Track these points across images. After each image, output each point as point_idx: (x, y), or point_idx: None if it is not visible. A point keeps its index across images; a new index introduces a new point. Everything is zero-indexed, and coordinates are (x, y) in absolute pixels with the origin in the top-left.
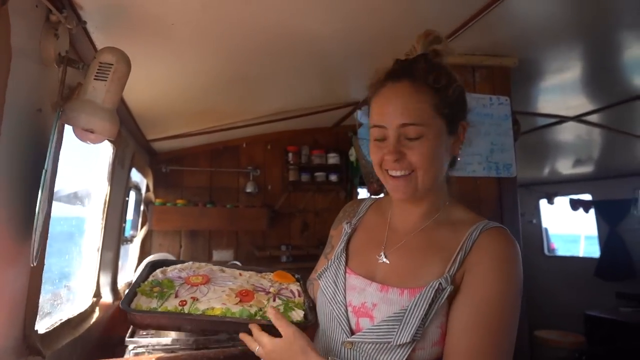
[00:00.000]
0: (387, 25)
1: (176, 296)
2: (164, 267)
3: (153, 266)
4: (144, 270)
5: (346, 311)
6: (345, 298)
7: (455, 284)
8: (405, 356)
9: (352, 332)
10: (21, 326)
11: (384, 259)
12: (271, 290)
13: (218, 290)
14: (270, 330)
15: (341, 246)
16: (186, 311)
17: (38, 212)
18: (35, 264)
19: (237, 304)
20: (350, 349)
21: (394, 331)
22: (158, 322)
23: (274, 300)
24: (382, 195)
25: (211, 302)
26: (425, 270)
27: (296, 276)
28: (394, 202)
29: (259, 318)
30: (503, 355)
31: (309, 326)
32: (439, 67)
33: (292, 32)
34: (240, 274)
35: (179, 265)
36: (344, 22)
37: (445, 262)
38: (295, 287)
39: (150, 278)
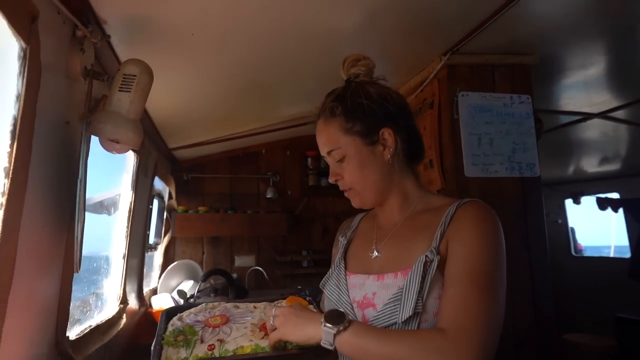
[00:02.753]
0: (406, 26)
1: (202, 341)
2: (179, 314)
3: (168, 314)
4: (161, 320)
5: (352, 308)
6: (349, 297)
7: (441, 255)
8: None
9: None
10: (53, 332)
11: (376, 254)
12: None
13: (240, 328)
14: (305, 357)
15: (339, 255)
16: (217, 354)
17: (77, 222)
18: (78, 272)
19: (263, 337)
20: None
21: (397, 311)
22: None
23: None
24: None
25: (238, 341)
26: (413, 251)
27: (307, 299)
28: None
29: (290, 348)
30: (491, 300)
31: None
32: (343, 95)
33: (310, 37)
34: (255, 307)
35: (192, 310)
36: (362, 25)
37: (429, 239)
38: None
39: (170, 328)
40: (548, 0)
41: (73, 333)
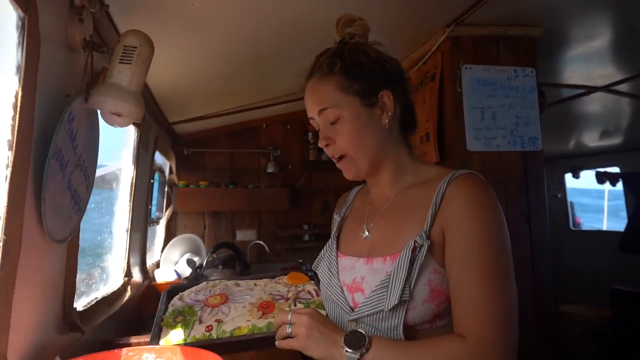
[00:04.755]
0: (405, 2)
1: (200, 322)
2: (180, 293)
3: (169, 294)
4: (162, 300)
5: (342, 291)
6: (339, 280)
7: (432, 240)
8: (402, 318)
9: (353, 310)
10: (61, 304)
11: (367, 234)
12: (289, 295)
13: (239, 307)
14: None
15: (333, 234)
16: (214, 336)
17: (44, 199)
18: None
19: (260, 317)
20: (356, 326)
21: (384, 298)
22: None
23: (295, 305)
24: None
25: (236, 321)
26: (403, 234)
27: (309, 274)
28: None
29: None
30: (505, 295)
31: None
32: (340, 52)
33: (310, 11)
34: (255, 284)
35: (193, 288)
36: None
37: (420, 221)
38: (311, 287)
39: (170, 308)
40: None
41: (80, 304)
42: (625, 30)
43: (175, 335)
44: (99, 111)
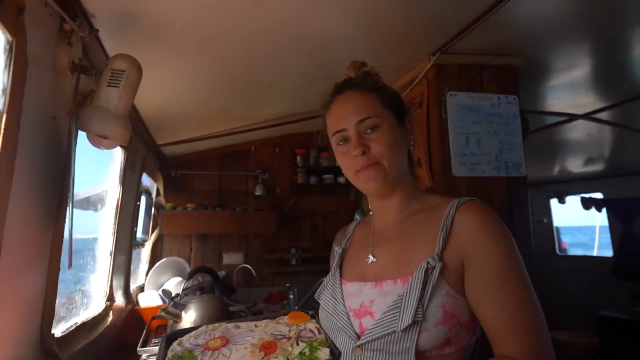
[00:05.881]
0: (395, 28)
1: None
2: (179, 339)
3: (168, 340)
4: (160, 346)
5: (348, 317)
6: (345, 307)
7: (445, 262)
8: (414, 340)
9: (359, 337)
10: (38, 330)
11: (373, 259)
12: (291, 334)
13: (240, 349)
14: None
15: (335, 264)
16: None
17: (71, 219)
18: (70, 268)
19: (263, 358)
20: (361, 354)
21: (396, 319)
22: None
23: (297, 344)
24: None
25: None
26: (413, 256)
27: (310, 313)
28: (372, 206)
29: None
30: (535, 306)
31: None
32: (374, 75)
33: (300, 36)
34: (256, 325)
35: (192, 333)
36: (351, 26)
37: (430, 244)
38: (312, 325)
39: (170, 354)
40: (534, 4)
41: (58, 330)
42: (604, 61)
43: None
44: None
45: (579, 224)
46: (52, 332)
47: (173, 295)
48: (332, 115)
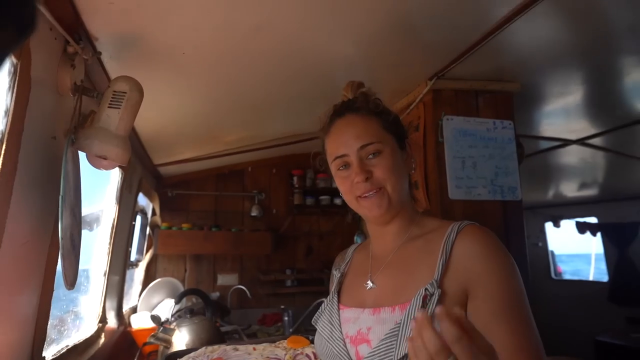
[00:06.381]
0: (392, 53)
1: None
2: (178, 359)
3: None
4: None
5: (345, 344)
6: (341, 333)
7: (444, 289)
8: None
9: None
10: (29, 352)
11: (371, 285)
12: (286, 358)
13: None
14: None
15: (333, 289)
16: None
17: (62, 238)
18: (72, 288)
19: None
20: None
21: (393, 347)
22: None
23: None
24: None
25: None
26: (412, 283)
27: (310, 338)
28: (370, 231)
29: None
30: (535, 335)
31: None
32: (374, 98)
33: (299, 58)
34: (254, 349)
35: (192, 354)
36: (350, 49)
37: (429, 270)
38: (309, 350)
39: None
40: (529, 33)
41: (49, 353)
42: (596, 89)
43: None
44: (84, 153)
45: (575, 251)
46: (43, 355)
47: (162, 320)
48: (332, 139)
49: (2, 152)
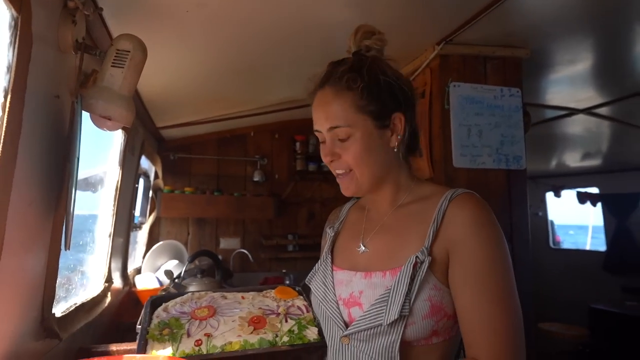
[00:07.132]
0: (398, 16)
1: (188, 335)
2: (164, 304)
3: (152, 304)
4: (144, 311)
5: (338, 306)
6: (335, 295)
7: (433, 256)
8: (400, 334)
9: (347, 326)
10: (39, 309)
11: (364, 248)
12: (280, 310)
13: (229, 321)
14: (295, 354)
15: (326, 248)
16: (204, 351)
17: (73, 200)
18: (69, 249)
19: (252, 332)
20: (348, 343)
21: (383, 312)
22: None
23: (286, 321)
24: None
25: (226, 336)
26: (403, 249)
27: (297, 289)
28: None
29: (280, 345)
30: (514, 315)
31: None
32: (359, 67)
33: (302, 19)
34: (243, 297)
35: (179, 299)
36: (354, 11)
37: (421, 237)
38: (300, 302)
39: (155, 320)
40: None
41: (59, 310)
42: (606, 57)
43: (163, 349)
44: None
45: (573, 222)
46: (53, 311)
47: (175, 276)
48: (313, 111)
49: (7, 109)
